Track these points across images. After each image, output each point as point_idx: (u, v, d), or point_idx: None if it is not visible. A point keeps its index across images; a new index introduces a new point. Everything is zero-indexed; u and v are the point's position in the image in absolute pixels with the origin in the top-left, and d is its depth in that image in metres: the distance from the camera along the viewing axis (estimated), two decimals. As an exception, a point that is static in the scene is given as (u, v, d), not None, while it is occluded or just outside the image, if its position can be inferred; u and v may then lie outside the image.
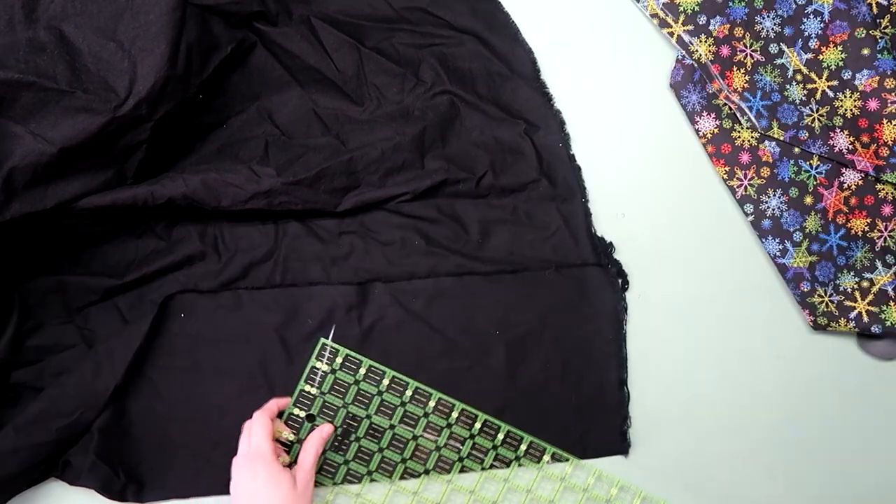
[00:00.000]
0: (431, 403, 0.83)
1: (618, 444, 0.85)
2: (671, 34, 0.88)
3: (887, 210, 0.88)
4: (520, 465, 0.83)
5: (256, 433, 0.73)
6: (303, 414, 0.81)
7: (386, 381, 0.82)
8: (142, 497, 0.79)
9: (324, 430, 0.79)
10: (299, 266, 0.85)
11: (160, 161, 0.80)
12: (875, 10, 0.83)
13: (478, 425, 0.83)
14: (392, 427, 0.82)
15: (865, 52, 0.84)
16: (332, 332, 0.82)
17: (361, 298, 0.83)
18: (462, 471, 0.83)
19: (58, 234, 0.78)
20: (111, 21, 0.73)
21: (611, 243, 0.88)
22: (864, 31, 0.83)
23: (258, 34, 0.84)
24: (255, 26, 0.83)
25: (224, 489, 0.80)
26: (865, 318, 0.88)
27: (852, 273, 0.89)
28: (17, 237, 0.74)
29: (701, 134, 0.89)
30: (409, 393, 0.82)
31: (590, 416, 0.85)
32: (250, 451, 0.72)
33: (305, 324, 0.83)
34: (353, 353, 0.82)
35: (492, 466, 0.83)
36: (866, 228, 0.89)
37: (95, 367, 0.77)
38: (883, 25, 0.82)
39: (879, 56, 0.83)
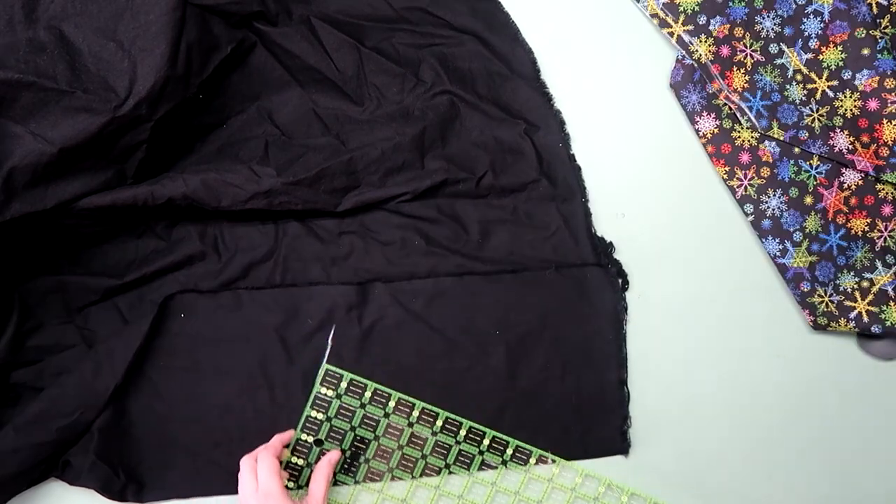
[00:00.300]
0: (439, 423, 0.83)
1: (618, 443, 0.85)
2: (671, 34, 0.88)
3: (887, 210, 0.88)
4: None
5: (263, 472, 0.72)
6: (311, 439, 0.81)
7: (392, 404, 0.82)
8: (142, 497, 0.79)
9: (332, 457, 0.79)
10: (299, 266, 0.85)
11: (160, 161, 0.80)
12: (875, 10, 0.82)
13: (486, 441, 0.83)
14: (401, 447, 0.82)
15: (865, 52, 0.84)
16: (332, 332, 0.82)
17: (361, 298, 0.83)
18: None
19: (58, 234, 0.78)
20: (111, 21, 0.73)
21: (611, 243, 0.88)
22: (864, 31, 0.83)
23: (258, 34, 0.84)
24: (255, 26, 0.83)
25: (224, 489, 0.81)
26: (865, 318, 0.88)
27: (852, 273, 0.89)
28: (17, 237, 0.74)
29: (701, 134, 0.89)
30: (416, 413, 0.82)
31: (590, 415, 0.85)
32: (260, 491, 0.72)
33: (305, 324, 0.83)
34: (358, 378, 0.82)
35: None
36: (866, 228, 0.89)
37: (95, 367, 0.77)
38: (883, 25, 0.82)
39: (879, 56, 0.83)
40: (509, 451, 0.83)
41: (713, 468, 0.88)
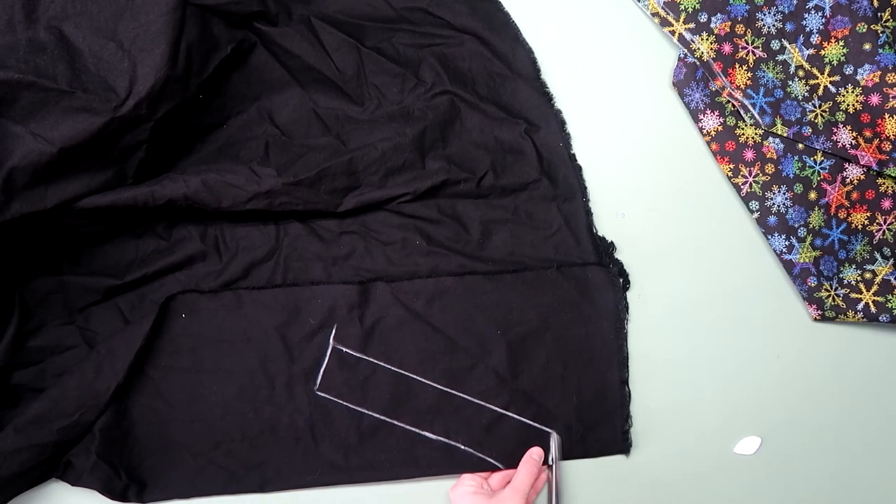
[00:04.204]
0: None
1: (619, 443, 0.85)
2: (672, 33, 0.88)
3: (887, 204, 0.87)
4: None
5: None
6: None
7: None
8: (143, 497, 0.79)
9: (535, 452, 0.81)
10: (300, 266, 0.85)
11: (160, 161, 0.81)
12: (876, 4, 0.82)
13: None
14: None
15: (867, 46, 0.83)
16: (334, 331, 0.82)
17: (363, 298, 0.83)
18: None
19: (58, 234, 0.78)
20: (111, 21, 0.73)
21: (612, 243, 0.87)
22: (866, 26, 0.83)
23: (258, 34, 0.84)
24: (255, 26, 0.83)
25: (225, 489, 0.81)
26: (873, 309, 0.87)
27: (853, 266, 0.88)
28: (17, 237, 0.74)
29: (705, 132, 0.89)
30: None
31: (591, 415, 0.84)
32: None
33: (307, 323, 0.83)
34: None
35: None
36: (866, 222, 0.88)
37: (96, 367, 0.77)
38: (884, 20, 0.82)
39: (881, 51, 0.83)
40: None
41: (713, 468, 0.87)
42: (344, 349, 0.82)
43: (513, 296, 0.85)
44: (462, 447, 0.82)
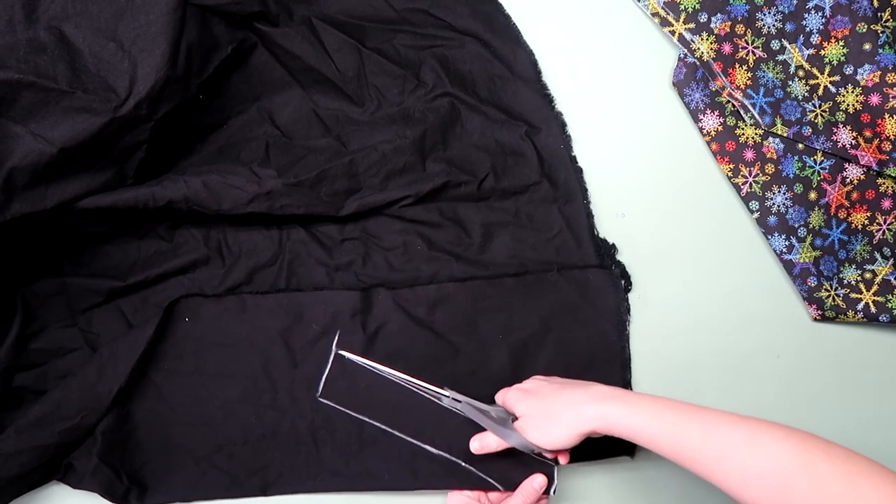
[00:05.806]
0: None
1: (623, 444, 0.84)
2: (672, 33, 0.88)
3: (887, 204, 0.87)
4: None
5: None
6: None
7: None
8: (144, 501, 0.78)
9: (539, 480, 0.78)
10: (304, 271, 0.84)
11: (160, 161, 0.80)
12: (876, 4, 0.82)
13: None
14: None
15: (867, 46, 0.83)
16: (337, 337, 0.82)
17: (365, 304, 0.83)
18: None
19: (59, 234, 0.77)
20: (111, 21, 0.72)
21: (613, 245, 0.87)
22: (866, 26, 0.83)
23: (259, 34, 0.84)
24: (255, 27, 0.83)
25: (226, 493, 0.80)
26: (873, 309, 0.87)
27: (853, 266, 0.89)
28: (17, 238, 0.73)
29: (705, 132, 0.89)
30: None
31: (594, 418, 0.84)
32: None
33: (310, 329, 0.82)
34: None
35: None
36: (866, 222, 0.88)
37: (99, 370, 0.76)
38: (884, 19, 0.82)
39: (881, 51, 0.83)
40: None
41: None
42: (347, 355, 0.82)
43: (514, 300, 0.84)
44: (463, 464, 0.81)
